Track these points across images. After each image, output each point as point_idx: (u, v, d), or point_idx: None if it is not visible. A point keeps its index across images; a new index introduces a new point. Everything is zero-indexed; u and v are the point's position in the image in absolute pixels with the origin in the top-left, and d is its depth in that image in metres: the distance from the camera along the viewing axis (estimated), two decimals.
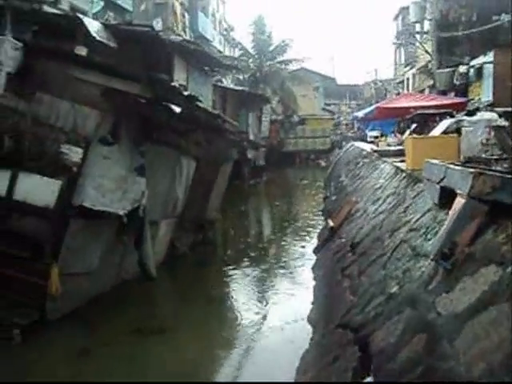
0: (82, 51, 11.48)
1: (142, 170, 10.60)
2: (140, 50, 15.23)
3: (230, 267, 14.23)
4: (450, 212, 6.36)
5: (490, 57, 26.39)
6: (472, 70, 28.83)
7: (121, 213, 9.89)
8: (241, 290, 12.63)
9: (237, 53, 50.13)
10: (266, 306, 11.46)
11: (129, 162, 10.44)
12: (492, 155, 11.06)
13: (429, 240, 7.57)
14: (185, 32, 29.13)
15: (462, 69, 29.44)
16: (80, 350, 8.69)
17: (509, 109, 22.02)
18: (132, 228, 10.52)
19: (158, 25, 22.37)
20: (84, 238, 9.83)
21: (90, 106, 9.82)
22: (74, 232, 9.59)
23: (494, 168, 8.40)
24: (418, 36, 39.12)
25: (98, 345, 8.87)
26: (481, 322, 4.69)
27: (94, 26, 13.71)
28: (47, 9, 16.38)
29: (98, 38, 13.42)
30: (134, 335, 9.36)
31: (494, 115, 14.36)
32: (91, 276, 10.16)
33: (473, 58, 28.78)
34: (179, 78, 18.57)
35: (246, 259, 15.22)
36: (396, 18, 51.03)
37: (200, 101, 12.83)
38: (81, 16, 14.46)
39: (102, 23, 15.10)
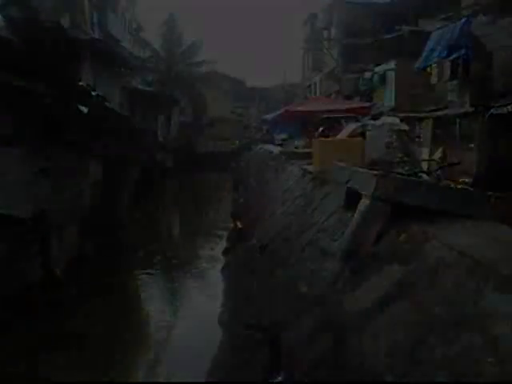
0: None
1: (48, 173, 10.26)
2: (46, 46, 14.65)
3: (140, 271, 14.01)
4: (356, 213, 6.58)
5: (392, 64, 27.46)
6: (376, 77, 29.85)
7: (25, 216, 9.53)
8: (152, 293, 12.47)
9: (146, 54, 49.39)
10: (176, 309, 11.40)
11: (33, 163, 10.07)
12: (394, 158, 11.52)
13: (335, 240, 7.78)
14: (93, 30, 28.27)
15: (367, 75, 30.44)
16: None
17: (410, 114, 23.12)
18: (37, 231, 10.16)
19: (65, 21, 21.50)
20: None
21: None
22: None
23: (396, 170, 8.78)
24: (325, 42, 40.17)
25: None
26: (385, 318, 4.89)
27: None
28: None
29: None
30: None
31: (396, 119, 14.88)
32: None
33: (377, 64, 29.81)
34: (87, 77, 18.09)
35: (155, 262, 15.04)
36: (305, 23, 51.98)
37: (108, 102, 12.56)
38: None
39: (3, 16, 14.43)
